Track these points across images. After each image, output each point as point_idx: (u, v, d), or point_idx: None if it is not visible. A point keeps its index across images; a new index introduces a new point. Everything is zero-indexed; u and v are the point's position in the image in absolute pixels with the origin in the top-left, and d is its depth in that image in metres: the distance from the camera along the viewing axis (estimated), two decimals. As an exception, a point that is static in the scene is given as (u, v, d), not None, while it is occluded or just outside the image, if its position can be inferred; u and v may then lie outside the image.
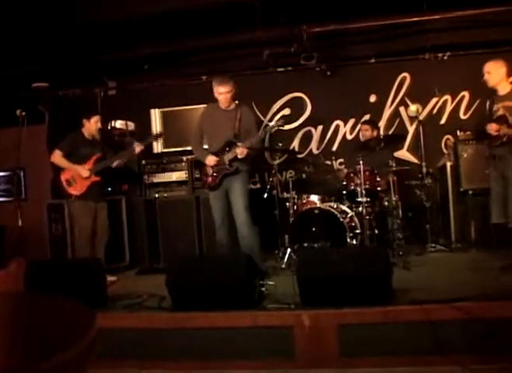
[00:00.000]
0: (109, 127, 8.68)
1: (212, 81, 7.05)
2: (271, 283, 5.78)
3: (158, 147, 8.79)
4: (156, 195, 8.50)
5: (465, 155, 8.09)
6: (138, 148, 7.52)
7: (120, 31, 8.41)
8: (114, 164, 7.56)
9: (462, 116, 9.28)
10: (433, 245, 8.16)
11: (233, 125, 6.91)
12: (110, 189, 8.30)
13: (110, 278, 6.90)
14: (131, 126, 8.76)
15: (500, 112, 6.30)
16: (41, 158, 9.01)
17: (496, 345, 4.45)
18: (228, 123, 6.94)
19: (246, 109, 7.12)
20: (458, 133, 8.47)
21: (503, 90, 6.43)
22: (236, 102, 7.09)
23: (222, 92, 6.88)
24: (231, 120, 6.94)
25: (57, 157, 7.48)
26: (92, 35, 8.38)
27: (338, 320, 4.77)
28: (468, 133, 8.33)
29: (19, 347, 1.41)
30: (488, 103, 6.57)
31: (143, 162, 8.60)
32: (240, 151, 6.74)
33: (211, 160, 6.94)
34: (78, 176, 7.40)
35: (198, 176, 8.31)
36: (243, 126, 6.95)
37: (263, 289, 5.53)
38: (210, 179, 7.02)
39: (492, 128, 6.23)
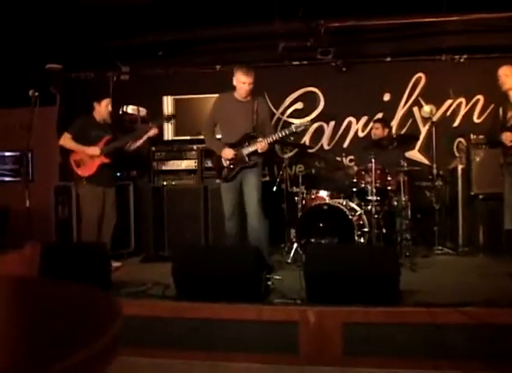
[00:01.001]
0: (120, 112, 8.63)
1: (233, 69, 6.95)
2: (277, 277, 5.77)
3: (169, 134, 8.76)
4: (164, 183, 8.47)
5: (477, 159, 8.03)
6: (151, 131, 7.49)
7: (135, 16, 8.36)
8: (129, 147, 7.54)
9: (476, 120, 9.21)
10: (440, 247, 8.12)
11: (250, 118, 6.84)
12: (118, 174, 8.25)
13: (115, 264, 6.89)
14: (143, 112, 8.70)
15: None
16: (50, 140, 8.97)
17: (501, 351, 4.42)
18: (245, 115, 6.86)
19: (262, 102, 7.07)
20: (471, 136, 8.41)
21: None
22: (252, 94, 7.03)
23: (245, 81, 6.77)
24: (248, 112, 6.86)
25: (67, 139, 7.45)
26: (108, 18, 8.32)
27: (343, 318, 4.74)
28: (481, 137, 8.27)
29: (38, 341, 1.35)
30: (501, 110, 6.48)
31: (153, 148, 8.57)
32: (262, 146, 6.69)
33: (228, 153, 6.85)
34: (88, 157, 7.36)
35: (207, 165, 8.29)
36: (260, 119, 6.88)
37: (269, 283, 5.51)
38: (226, 170, 6.93)
39: (507, 138, 6.16)
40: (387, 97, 9.47)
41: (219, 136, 7.22)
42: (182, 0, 8.11)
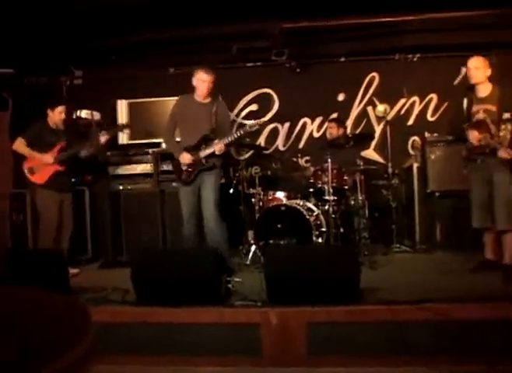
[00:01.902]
0: (74, 117, 8.52)
1: (193, 70, 6.91)
2: (238, 279, 5.74)
3: (124, 138, 8.68)
4: (121, 187, 8.39)
5: (433, 157, 8.10)
6: (103, 137, 7.42)
7: (87, 20, 8.26)
8: (83, 154, 7.45)
9: (430, 118, 9.32)
10: (398, 245, 8.19)
11: (209, 120, 6.80)
12: (73, 180, 8.13)
13: (72, 271, 6.78)
14: (97, 116, 8.61)
15: (480, 115, 6.13)
16: (3, 146, 8.81)
17: (464, 347, 4.45)
18: (204, 117, 6.82)
19: (222, 104, 7.03)
20: (426, 134, 8.50)
21: (483, 92, 6.23)
22: (212, 96, 7.00)
23: (205, 79, 6.76)
24: (207, 114, 6.82)
25: (20, 145, 7.33)
26: (60, 22, 8.21)
27: (306, 318, 4.74)
28: (436, 135, 8.38)
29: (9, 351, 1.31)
30: (465, 103, 6.36)
31: (108, 153, 8.47)
32: (219, 148, 6.65)
33: (186, 158, 6.80)
34: (42, 164, 7.26)
35: (163, 169, 8.24)
36: (218, 121, 6.85)
37: (230, 285, 5.48)
38: (185, 173, 6.88)
39: (473, 138, 6.00)
40: (341, 97, 9.53)
41: (178, 139, 7.17)
42: (134, 3, 8.03)
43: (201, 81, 6.78)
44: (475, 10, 8.33)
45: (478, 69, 6.17)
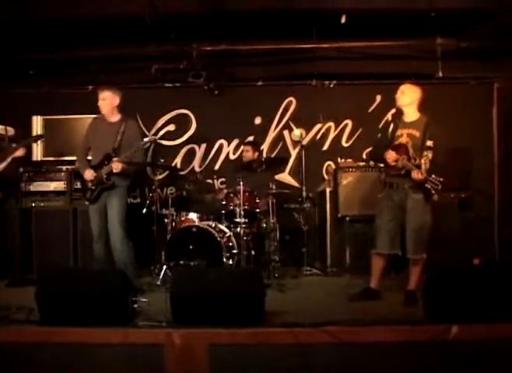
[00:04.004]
0: (-14, 132, 8.36)
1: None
2: (144, 300, 5.69)
3: (38, 154, 8.57)
4: (33, 204, 8.25)
5: (344, 182, 8.24)
6: (18, 151, 7.30)
7: (5, 34, 8.16)
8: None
9: (344, 144, 9.51)
10: (309, 268, 8.27)
11: (114, 139, 6.83)
12: (-19, 196, 7.98)
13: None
14: (11, 131, 8.45)
15: (403, 139, 6.18)
16: None
17: (363, 370, 4.51)
18: (110, 136, 6.86)
19: (131, 124, 7.03)
20: (339, 160, 8.64)
21: (410, 116, 6.29)
22: (121, 116, 7.02)
23: (105, 98, 6.86)
24: (113, 133, 6.86)
25: None
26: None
27: (209, 340, 4.71)
28: (349, 160, 8.55)
29: None
30: (391, 126, 6.41)
31: (21, 169, 8.33)
32: (115, 166, 6.66)
33: (88, 175, 6.88)
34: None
35: (76, 186, 8.15)
36: (125, 140, 6.86)
37: (136, 306, 5.42)
38: (89, 192, 6.92)
39: (390, 157, 6.08)
40: (258, 120, 9.60)
41: (90, 157, 7.15)
42: (54, 20, 7.97)
43: (101, 99, 6.88)
44: (389, 40, 8.56)
45: (403, 93, 6.26)
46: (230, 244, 7.37)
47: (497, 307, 4.76)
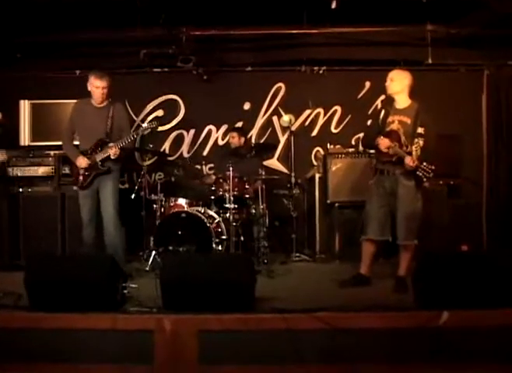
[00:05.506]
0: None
1: (88, 75, 6.92)
2: (134, 285, 5.66)
3: (25, 139, 8.50)
4: (20, 189, 8.20)
5: (334, 169, 8.22)
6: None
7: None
8: None
9: (333, 130, 9.48)
10: (298, 254, 8.30)
11: (105, 123, 6.81)
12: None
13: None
14: (-1, 115, 8.41)
15: (395, 125, 6.15)
16: None
17: (355, 356, 4.51)
18: (100, 121, 6.83)
19: (119, 107, 7.01)
20: (328, 146, 8.61)
21: (401, 103, 6.26)
22: (110, 99, 6.97)
23: (98, 86, 6.77)
24: (103, 118, 6.83)
25: None
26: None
27: (199, 326, 4.70)
28: (338, 146, 8.53)
29: None
30: (382, 113, 6.37)
31: (8, 154, 8.27)
32: (113, 152, 6.64)
33: (82, 162, 6.82)
34: None
35: (65, 172, 8.12)
36: (115, 124, 6.86)
37: (125, 291, 5.40)
38: (81, 178, 6.87)
39: (383, 144, 6.06)
40: (247, 106, 9.56)
41: (77, 142, 7.08)
42: (42, 3, 7.89)
43: (95, 87, 6.81)
44: (379, 26, 8.55)
45: (392, 81, 6.22)
46: (219, 230, 7.35)
47: (487, 293, 4.77)
